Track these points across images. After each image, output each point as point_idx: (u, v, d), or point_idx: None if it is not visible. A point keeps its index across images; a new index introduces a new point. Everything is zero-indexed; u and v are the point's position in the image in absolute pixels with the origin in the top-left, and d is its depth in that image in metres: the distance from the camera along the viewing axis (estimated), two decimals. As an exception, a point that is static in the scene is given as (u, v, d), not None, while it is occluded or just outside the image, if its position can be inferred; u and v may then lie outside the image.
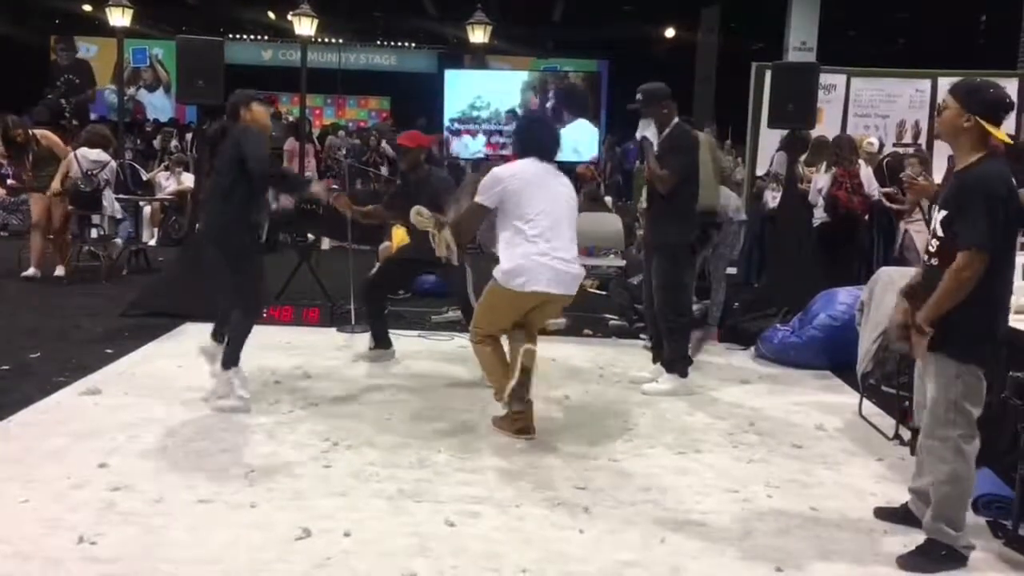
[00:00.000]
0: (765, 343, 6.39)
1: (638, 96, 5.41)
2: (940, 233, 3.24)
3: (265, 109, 4.99)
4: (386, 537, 3.34)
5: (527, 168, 4.56)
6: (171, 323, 6.60)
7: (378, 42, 25.04)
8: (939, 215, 3.28)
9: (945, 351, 3.20)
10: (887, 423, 4.85)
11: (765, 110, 8.40)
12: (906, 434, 4.54)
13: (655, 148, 5.39)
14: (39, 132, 8.88)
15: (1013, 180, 3.17)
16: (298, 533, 3.32)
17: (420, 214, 4.80)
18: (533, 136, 4.76)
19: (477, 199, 4.52)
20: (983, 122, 3.15)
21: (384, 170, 13.13)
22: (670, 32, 22.79)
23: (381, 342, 5.98)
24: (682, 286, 5.49)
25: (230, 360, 4.74)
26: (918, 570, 3.23)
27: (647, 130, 5.49)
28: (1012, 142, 3.32)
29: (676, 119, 5.43)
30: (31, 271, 8.42)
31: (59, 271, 8.51)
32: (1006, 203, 3.12)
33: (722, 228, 6.72)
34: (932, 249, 3.29)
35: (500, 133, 6.90)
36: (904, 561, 3.28)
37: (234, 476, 3.85)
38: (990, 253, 3.08)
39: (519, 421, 4.53)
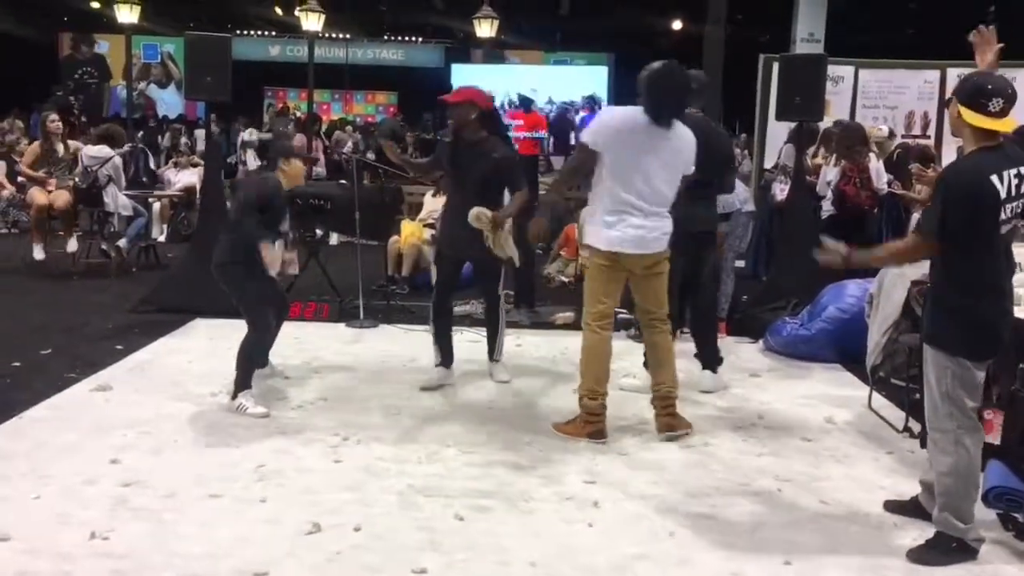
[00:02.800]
0: (774, 336, 6.37)
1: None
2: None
3: (302, 165, 5.06)
4: (396, 532, 3.36)
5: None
6: (181, 319, 6.62)
7: (385, 37, 25.06)
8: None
9: (935, 344, 3.25)
10: (897, 416, 4.83)
11: (773, 102, 8.36)
12: (916, 427, 4.52)
13: None
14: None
15: (998, 175, 3.09)
16: (308, 528, 3.34)
17: (480, 219, 4.70)
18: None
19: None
20: (963, 109, 3.16)
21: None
22: (677, 24, 22.73)
23: (447, 358, 5.41)
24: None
25: (241, 384, 4.64)
26: (928, 563, 3.23)
27: None
28: (1007, 130, 3.22)
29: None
30: (39, 254, 8.46)
31: (71, 246, 8.53)
32: (971, 200, 3.10)
33: (731, 219, 6.69)
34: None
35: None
36: (914, 554, 3.28)
37: (244, 471, 3.87)
38: (933, 244, 3.18)
39: (595, 424, 4.43)
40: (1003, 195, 3.10)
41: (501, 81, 7.58)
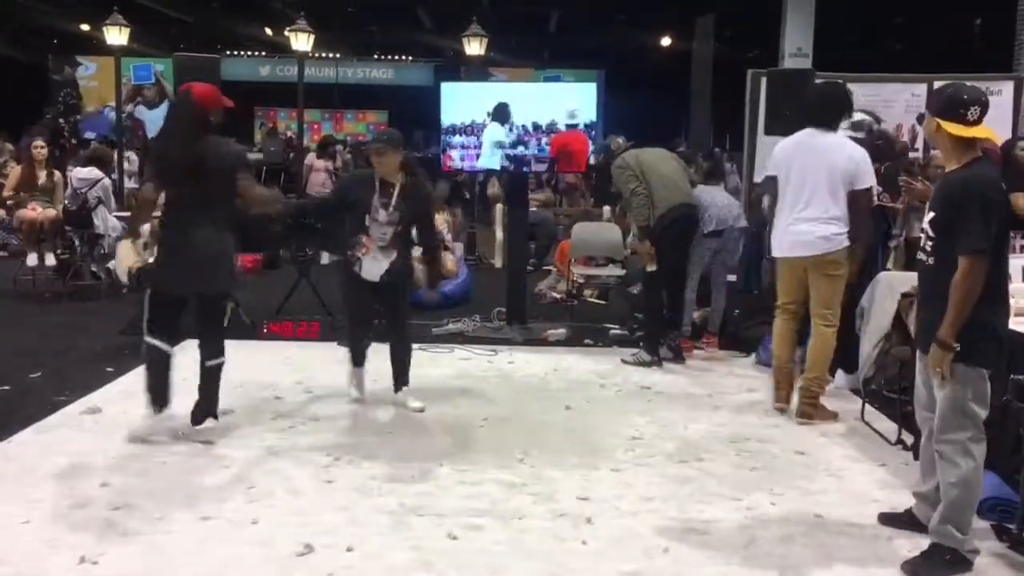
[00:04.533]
0: (765, 350, 6.37)
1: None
2: (931, 233, 3.30)
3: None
4: (388, 552, 3.34)
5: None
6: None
7: (375, 56, 25.12)
8: (928, 216, 3.35)
9: (959, 357, 3.20)
10: (889, 428, 4.83)
11: (761, 117, 8.40)
12: (909, 439, 4.53)
13: None
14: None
15: (1002, 184, 3.22)
16: (300, 549, 3.31)
17: None
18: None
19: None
20: (940, 122, 3.20)
21: None
22: (666, 41, 22.84)
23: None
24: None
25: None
26: (923, 575, 3.22)
27: None
28: (987, 135, 3.27)
29: None
30: (31, 260, 8.51)
31: (50, 259, 8.58)
32: (999, 206, 3.16)
33: (723, 235, 6.72)
34: (928, 249, 3.34)
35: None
36: (909, 566, 3.27)
37: (235, 492, 3.85)
38: (988, 257, 3.11)
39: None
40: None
41: (490, 98, 7.61)
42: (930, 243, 3.31)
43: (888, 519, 3.67)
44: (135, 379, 5.65)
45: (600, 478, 4.15)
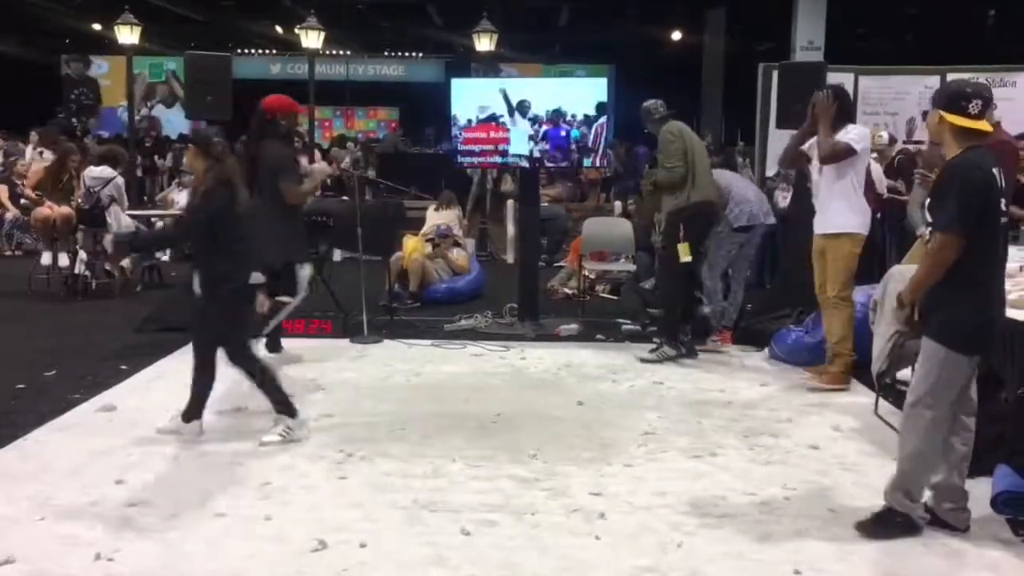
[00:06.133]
0: (779, 343, 6.36)
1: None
2: (929, 218, 3.52)
3: None
4: (402, 547, 3.34)
5: None
6: (186, 338, 6.58)
7: (385, 53, 25.14)
8: (927, 202, 3.56)
9: (937, 337, 3.30)
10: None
11: (773, 111, 8.37)
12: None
13: None
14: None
15: (995, 170, 3.24)
16: (314, 545, 3.32)
17: None
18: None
19: None
20: (945, 114, 3.30)
21: None
22: (676, 35, 22.78)
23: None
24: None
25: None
26: (876, 536, 3.42)
27: None
28: (988, 129, 3.38)
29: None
30: (46, 259, 8.61)
31: (63, 260, 8.62)
32: (982, 191, 3.21)
33: (753, 231, 6.71)
34: (927, 235, 3.56)
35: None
36: (863, 527, 3.46)
37: (249, 489, 3.86)
38: (962, 237, 3.18)
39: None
40: (1001, 187, 3.25)
41: (500, 94, 7.63)
42: (929, 228, 3.52)
43: None
44: (149, 376, 5.71)
45: (613, 473, 4.14)
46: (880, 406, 5.04)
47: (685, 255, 6.17)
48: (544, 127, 6.96)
